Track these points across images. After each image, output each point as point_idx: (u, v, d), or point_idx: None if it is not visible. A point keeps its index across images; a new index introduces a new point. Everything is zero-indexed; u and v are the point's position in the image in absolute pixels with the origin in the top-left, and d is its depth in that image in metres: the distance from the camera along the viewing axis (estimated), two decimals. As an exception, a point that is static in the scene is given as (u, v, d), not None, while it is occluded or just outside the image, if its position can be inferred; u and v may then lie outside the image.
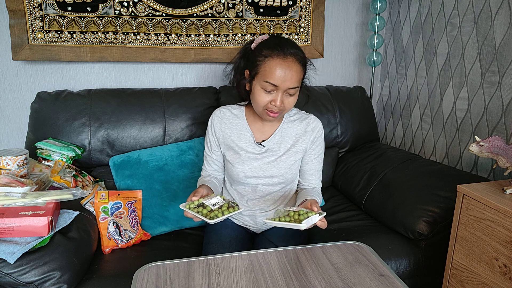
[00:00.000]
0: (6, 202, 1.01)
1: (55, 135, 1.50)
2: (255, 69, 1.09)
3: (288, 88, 1.07)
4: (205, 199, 0.98)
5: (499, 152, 1.08)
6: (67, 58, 1.64)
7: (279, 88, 1.06)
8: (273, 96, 1.08)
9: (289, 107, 1.12)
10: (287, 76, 1.05)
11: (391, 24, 2.05)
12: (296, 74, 1.07)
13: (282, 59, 1.05)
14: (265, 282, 0.81)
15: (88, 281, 1.07)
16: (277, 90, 1.07)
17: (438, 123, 1.75)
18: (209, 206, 0.95)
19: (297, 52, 1.09)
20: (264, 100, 1.09)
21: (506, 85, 1.39)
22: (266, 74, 1.06)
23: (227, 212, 0.94)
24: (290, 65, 1.05)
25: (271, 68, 1.05)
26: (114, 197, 1.27)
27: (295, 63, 1.07)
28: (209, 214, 0.92)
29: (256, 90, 1.10)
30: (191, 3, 1.72)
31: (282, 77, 1.05)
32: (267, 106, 1.10)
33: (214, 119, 1.24)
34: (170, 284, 0.80)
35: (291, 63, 1.06)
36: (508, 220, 1.01)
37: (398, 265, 1.26)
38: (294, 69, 1.06)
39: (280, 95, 1.07)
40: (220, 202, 0.97)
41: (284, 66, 1.05)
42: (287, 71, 1.05)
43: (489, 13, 1.44)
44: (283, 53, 1.06)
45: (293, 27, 1.89)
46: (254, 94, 1.11)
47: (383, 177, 1.53)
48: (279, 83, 1.05)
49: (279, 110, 1.10)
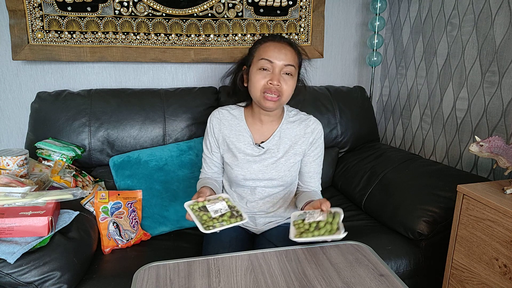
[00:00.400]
0: (6, 202, 1.01)
1: (55, 135, 1.50)
2: (251, 58, 1.16)
3: (284, 65, 1.10)
4: (209, 203, 0.95)
5: (499, 152, 1.08)
6: (67, 58, 1.64)
7: (275, 65, 1.10)
8: (270, 75, 1.11)
9: (286, 92, 1.13)
10: (281, 53, 1.10)
11: (391, 24, 2.05)
12: (290, 53, 1.12)
13: (275, 41, 1.13)
14: (265, 282, 0.81)
15: (88, 281, 1.07)
16: (273, 69, 1.10)
17: (438, 123, 1.75)
18: (211, 212, 0.93)
19: (290, 40, 1.17)
20: (261, 82, 1.11)
21: (506, 85, 1.39)
22: (261, 54, 1.12)
23: (226, 223, 0.91)
24: (283, 45, 1.13)
25: (265, 48, 1.12)
26: (114, 197, 1.26)
27: (288, 45, 1.14)
28: (207, 222, 0.91)
29: (253, 73, 1.13)
30: (191, 3, 1.72)
31: (276, 53, 1.10)
32: (265, 88, 1.10)
33: (212, 120, 1.24)
34: (170, 284, 0.80)
35: (284, 44, 1.13)
36: (508, 220, 1.00)
37: (398, 265, 1.26)
38: (288, 49, 1.12)
39: (277, 74, 1.10)
40: (224, 210, 0.95)
41: (277, 46, 1.12)
42: (282, 49, 1.11)
43: (489, 13, 1.44)
44: (276, 39, 1.15)
45: (293, 27, 1.89)
46: (251, 80, 1.14)
47: (383, 177, 1.53)
48: (274, 58, 1.10)
49: (277, 91, 1.10)
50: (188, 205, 0.96)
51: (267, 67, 1.10)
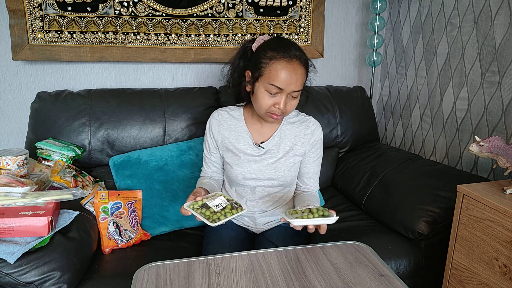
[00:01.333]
0: (6, 202, 1.01)
1: (55, 135, 1.50)
2: (259, 71, 1.08)
3: (293, 91, 1.06)
4: (209, 200, 0.97)
5: (499, 152, 1.08)
6: (67, 58, 1.64)
7: (284, 91, 1.06)
8: (276, 99, 1.07)
9: (291, 110, 1.12)
10: (292, 79, 1.04)
11: (391, 24, 2.05)
12: (301, 77, 1.06)
13: (288, 62, 1.04)
14: (265, 282, 0.81)
15: (88, 281, 1.07)
16: (281, 93, 1.06)
17: (438, 123, 1.75)
18: (212, 207, 0.95)
19: (301, 54, 1.08)
20: (267, 103, 1.08)
21: (506, 85, 1.39)
22: (272, 77, 1.04)
23: (229, 214, 0.94)
24: (295, 68, 1.05)
25: (277, 71, 1.04)
26: (114, 197, 1.26)
27: (300, 66, 1.06)
28: (211, 217, 0.92)
29: (260, 92, 1.09)
30: (191, 3, 1.72)
31: (287, 80, 1.04)
32: (270, 109, 1.09)
33: (212, 122, 1.24)
34: (170, 284, 0.80)
35: (296, 66, 1.05)
36: (508, 220, 1.00)
37: (398, 265, 1.25)
38: (299, 72, 1.05)
39: (284, 98, 1.07)
40: (224, 203, 0.97)
41: (290, 69, 1.04)
42: (293, 75, 1.04)
43: (489, 13, 1.44)
44: (289, 55, 1.05)
45: (293, 27, 1.89)
46: (257, 97, 1.10)
47: (383, 177, 1.53)
48: (285, 86, 1.04)
49: (282, 113, 1.10)
50: (188, 205, 0.96)
51: (276, 92, 1.06)
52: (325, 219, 0.90)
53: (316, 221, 0.90)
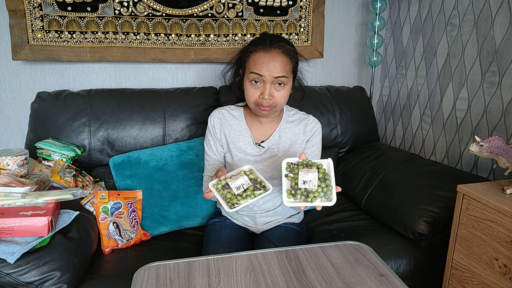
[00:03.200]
0: (6, 202, 1.01)
1: (55, 135, 1.50)
2: (243, 66, 1.15)
3: (274, 77, 1.08)
4: (231, 180, 0.94)
5: (499, 152, 1.08)
6: (67, 58, 1.64)
7: (265, 78, 1.08)
8: (261, 89, 1.10)
9: (280, 101, 1.12)
10: (270, 65, 1.07)
11: (391, 24, 2.05)
12: (280, 64, 1.08)
13: (266, 50, 1.09)
14: (265, 282, 0.81)
15: (88, 281, 1.07)
16: (264, 82, 1.09)
17: (438, 123, 1.75)
18: (233, 189, 0.92)
19: (283, 44, 1.12)
20: (254, 95, 1.11)
21: (506, 85, 1.39)
22: (251, 66, 1.10)
23: (251, 197, 0.91)
24: (273, 55, 1.09)
25: (255, 60, 1.09)
26: (114, 197, 1.26)
27: (280, 54, 1.09)
28: (230, 201, 0.91)
29: (246, 85, 1.13)
30: (191, 3, 1.71)
31: (265, 66, 1.07)
32: (258, 101, 1.11)
33: (213, 120, 1.24)
34: (170, 284, 0.80)
35: (274, 54, 1.09)
36: (508, 220, 1.00)
37: (398, 265, 1.25)
38: (278, 59, 1.08)
39: (268, 87, 1.09)
40: (246, 184, 0.94)
41: (268, 57, 1.08)
42: (271, 61, 1.08)
43: (489, 13, 1.44)
44: (266, 46, 1.10)
45: (293, 27, 1.89)
46: (245, 92, 1.14)
47: (383, 177, 1.53)
48: (263, 71, 1.07)
49: (269, 104, 1.10)
50: (212, 185, 0.95)
51: (258, 80, 1.10)
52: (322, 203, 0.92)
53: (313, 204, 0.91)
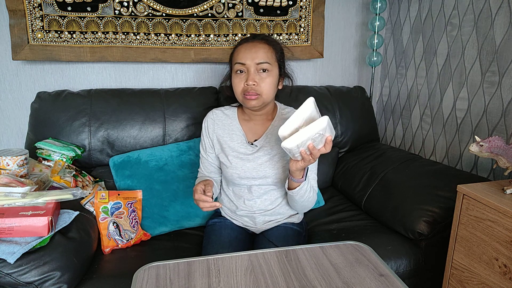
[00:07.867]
0: (6, 202, 1.01)
1: (55, 135, 1.50)
2: (230, 64, 1.20)
3: (256, 64, 1.11)
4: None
5: (499, 152, 1.08)
6: (67, 58, 1.64)
7: (248, 66, 1.12)
8: (245, 77, 1.13)
9: (265, 89, 1.13)
10: (251, 52, 1.12)
11: (391, 24, 2.05)
12: (262, 50, 1.13)
13: (247, 42, 1.16)
14: (265, 282, 0.81)
15: (88, 281, 1.07)
16: (248, 70, 1.12)
17: (438, 123, 1.75)
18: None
19: (265, 36, 1.18)
20: (239, 84, 1.14)
21: (506, 85, 1.39)
22: (235, 58, 1.15)
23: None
24: (255, 44, 1.14)
25: (238, 52, 1.15)
26: (114, 197, 1.26)
27: (261, 42, 1.15)
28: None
29: (232, 78, 1.17)
30: (191, 3, 1.71)
31: (247, 54, 1.12)
32: (244, 90, 1.13)
33: (207, 121, 1.26)
34: (170, 284, 0.80)
35: (256, 43, 1.15)
36: (508, 220, 1.00)
37: (398, 265, 1.25)
38: (260, 47, 1.13)
39: (252, 73, 1.12)
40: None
41: (249, 46, 1.14)
42: (252, 48, 1.13)
43: (489, 13, 1.44)
44: (249, 39, 1.17)
45: (293, 27, 1.89)
46: (233, 85, 1.18)
47: (383, 177, 1.53)
48: (245, 59, 1.12)
49: (254, 90, 1.12)
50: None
51: (242, 69, 1.13)
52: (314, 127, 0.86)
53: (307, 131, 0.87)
